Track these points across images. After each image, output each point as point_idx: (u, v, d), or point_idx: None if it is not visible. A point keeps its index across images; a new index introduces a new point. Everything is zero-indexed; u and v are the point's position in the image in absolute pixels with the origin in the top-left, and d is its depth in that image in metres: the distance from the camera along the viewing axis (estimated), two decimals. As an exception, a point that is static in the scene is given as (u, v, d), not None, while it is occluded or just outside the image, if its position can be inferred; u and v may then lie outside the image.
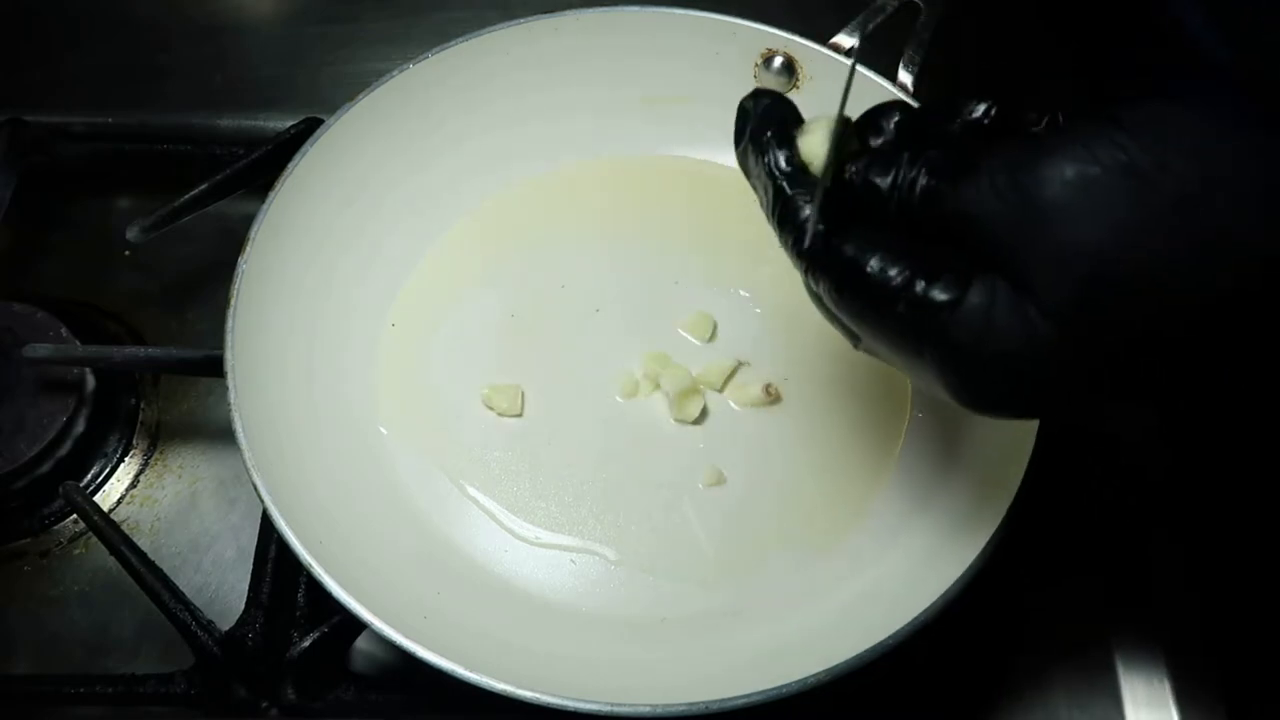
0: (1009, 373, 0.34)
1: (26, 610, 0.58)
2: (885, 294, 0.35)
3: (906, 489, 0.54)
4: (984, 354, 0.34)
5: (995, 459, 0.51)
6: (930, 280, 0.35)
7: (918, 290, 0.35)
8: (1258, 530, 0.56)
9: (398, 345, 0.59)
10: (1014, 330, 0.33)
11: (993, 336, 0.34)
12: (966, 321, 0.34)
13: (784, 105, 0.41)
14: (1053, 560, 0.56)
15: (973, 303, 0.34)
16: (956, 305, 0.34)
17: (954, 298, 0.34)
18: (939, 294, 0.34)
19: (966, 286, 0.34)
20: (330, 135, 0.58)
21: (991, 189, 0.34)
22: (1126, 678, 0.54)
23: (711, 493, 0.55)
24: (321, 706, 0.53)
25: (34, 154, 0.68)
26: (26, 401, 0.60)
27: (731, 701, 0.44)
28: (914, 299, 0.35)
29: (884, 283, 0.35)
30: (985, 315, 0.34)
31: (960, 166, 0.35)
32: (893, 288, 0.35)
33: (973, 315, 0.34)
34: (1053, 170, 0.33)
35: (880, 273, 0.35)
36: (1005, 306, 0.34)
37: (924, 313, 0.35)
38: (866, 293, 0.36)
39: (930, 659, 0.51)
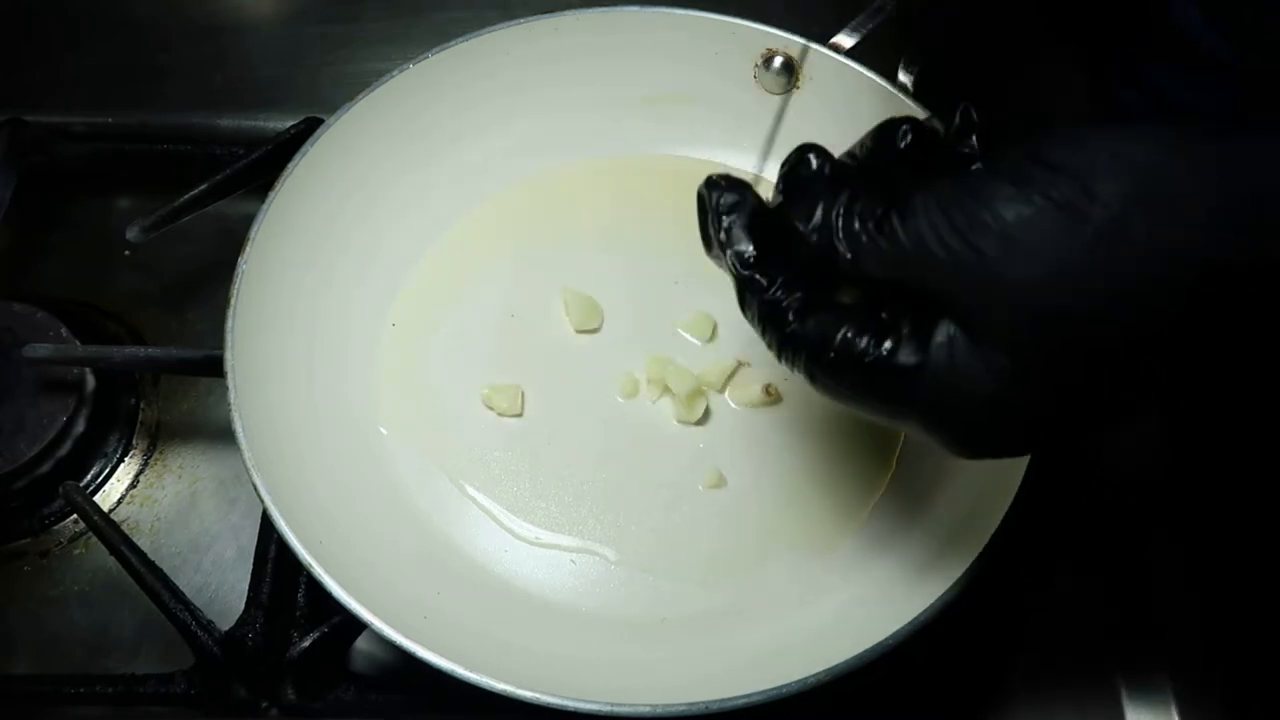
0: (985, 413, 0.35)
1: (26, 610, 0.58)
2: (854, 374, 0.36)
3: (906, 489, 0.54)
4: (955, 403, 0.35)
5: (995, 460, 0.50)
6: (894, 348, 0.35)
7: (883, 359, 0.35)
8: (1258, 531, 0.56)
9: (398, 345, 0.59)
10: (977, 375, 0.34)
11: (959, 383, 0.34)
12: (934, 377, 0.35)
13: (740, 193, 0.41)
14: (1053, 561, 0.56)
15: (937, 358, 0.35)
16: (921, 367, 0.35)
17: (919, 360, 0.35)
18: (906, 359, 0.35)
19: (928, 343, 0.35)
20: (330, 135, 0.58)
21: (930, 233, 0.34)
22: (1126, 680, 0.54)
23: (711, 493, 0.55)
24: (321, 706, 0.53)
25: (34, 154, 0.68)
26: (26, 401, 0.60)
27: (731, 701, 0.44)
28: (883, 370, 0.35)
29: (849, 361, 0.36)
30: (948, 364, 0.34)
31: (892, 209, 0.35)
32: (860, 366, 0.36)
33: (938, 370, 0.35)
34: (989, 212, 0.33)
35: (844, 351, 0.36)
36: (964, 353, 0.34)
37: (895, 383, 0.35)
38: (834, 374, 0.37)
39: (930, 659, 0.51)
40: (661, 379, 0.56)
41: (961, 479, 0.53)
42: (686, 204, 0.62)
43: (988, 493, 0.49)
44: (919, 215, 0.34)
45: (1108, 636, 0.55)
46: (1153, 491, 0.58)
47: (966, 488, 0.52)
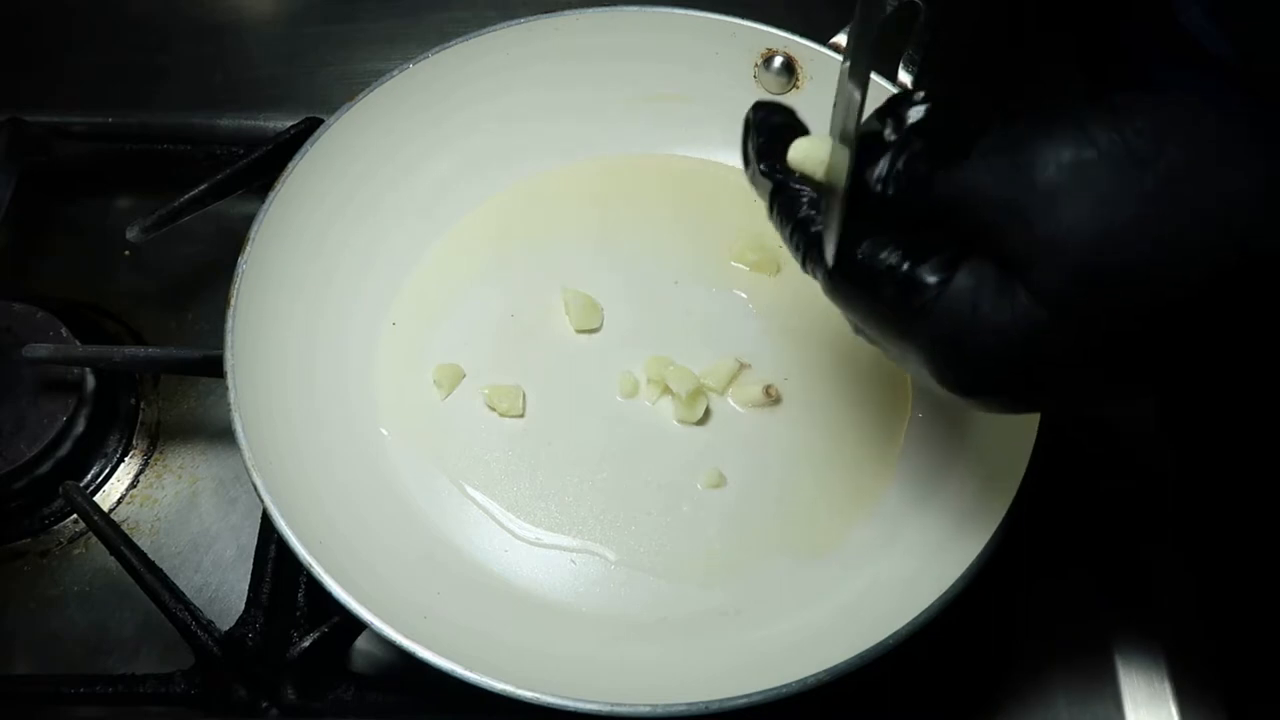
0: (997, 358, 0.34)
1: (26, 610, 0.58)
2: (873, 279, 0.36)
3: (906, 490, 0.54)
4: (970, 337, 0.34)
5: (995, 459, 0.51)
6: (916, 263, 0.35)
7: (904, 271, 0.35)
8: (1258, 530, 0.56)
9: (398, 345, 0.59)
10: (1002, 314, 0.33)
11: (980, 320, 0.34)
12: (953, 304, 0.34)
13: (784, 112, 0.42)
14: (1053, 560, 0.56)
15: (960, 285, 0.34)
16: (943, 287, 0.34)
17: (941, 279, 0.34)
18: (926, 276, 0.35)
19: (954, 269, 0.34)
20: (330, 135, 0.58)
21: (987, 171, 0.34)
22: (1126, 678, 0.54)
23: (711, 493, 0.55)
24: (321, 706, 0.53)
25: (34, 154, 0.68)
26: (26, 401, 0.60)
27: (731, 701, 0.44)
28: (900, 280, 0.35)
29: (871, 267, 0.36)
30: (972, 298, 0.34)
31: (952, 150, 0.35)
32: (879, 271, 0.36)
33: (959, 298, 0.34)
34: (1049, 153, 0.32)
35: (868, 257, 0.36)
36: (992, 290, 0.34)
37: (910, 295, 0.35)
38: (856, 279, 0.37)
39: (930, 659, 0.51)
40: (661, 379, 0.56)
41: (961, 479, 0.53)
42: (686, 204, 0.63)
43: (987, 493, 0.49)
44: (977, 154, 0.34)
45: (1108, 636, 0.55)
46: (1153, 491, 0.58)
47: (966, 488, 0.52)
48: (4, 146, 0.67)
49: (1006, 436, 0.50)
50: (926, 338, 0.35)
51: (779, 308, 0.59)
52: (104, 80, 0.74)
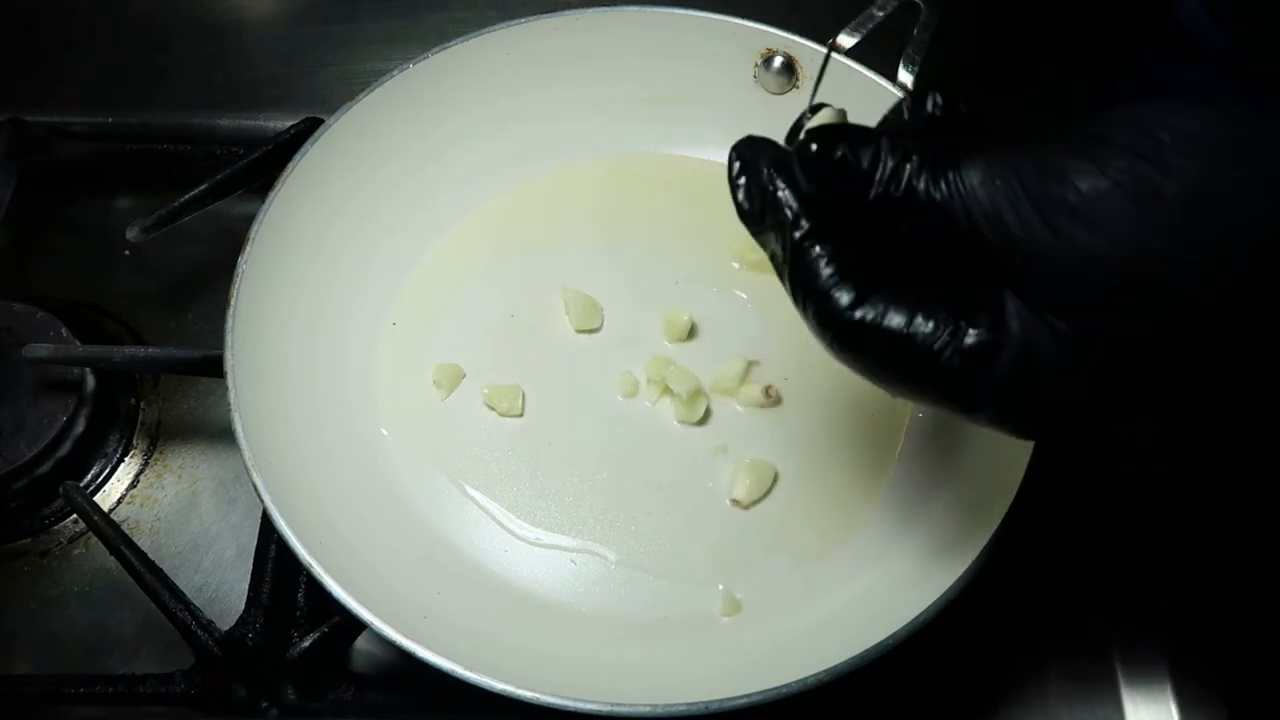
0: (1058, 396, 0.35)
1: (26, 610, 0.58)
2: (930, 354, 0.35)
3: (906, 489, 0.54)
4: (1032, 380, 0.34)
5: (995, 459, 0.51)
6: (971, 324, 0.34)
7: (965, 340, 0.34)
8: (1258, 530, 0.56)
9: (398, 345, 0.59)
10: (1048, 349, 0.34)
11: (1036, 365, 0.34)
12: (1014, 353, 0.34)
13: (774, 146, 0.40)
14: (1053, 560, 0.56)
15: (1014, 331, 0.34)
16: (1002, 343, 0.34)
17: (998, 337, 0.34)
18: (985, 336, 0.34)
19: (1003, 319, 0.34)
20: (330, 135, 0.58)
21: (1005, 199, 0.33)
22: (1126, 678, 0.54)
23: (712, 493, 0.55)
24: (321, 706, 0.53)
25: (34, 154, 0.68)
26: (26, 401, 0.60)
27: (731, 701, 0.44)
28: (962, 349, 0.34)
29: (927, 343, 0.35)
30: (1027, 342, 0.34)
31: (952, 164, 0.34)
32: (938, 347, 0.35)
33: (1018, 345, 0.34)
34: (1065, 185, 0.33)
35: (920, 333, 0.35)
36: (1034, 331, 0.34)
37: (974, 359, 0.34)
38: (908, 356, 0.35)
39: (930, 659, 0.51)
40: (661, 379, 0.56)
41: (961, 479, 0.53)
42: (686, 204, 0.63)
43: (987, 493, 0.49)
44: (986, 176, 0.34)
45: (1107, 636, 0.55)
46: (1153, 491, 0.58)
47: (966, 488, 0.52)
48: (4, 146, 0.67)
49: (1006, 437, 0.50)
50: (991, 396, 0.35)
51: (779, 308, 0.59)
52: (104, 80, 0.74)
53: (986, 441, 0.53)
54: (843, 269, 0.36)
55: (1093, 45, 0.67)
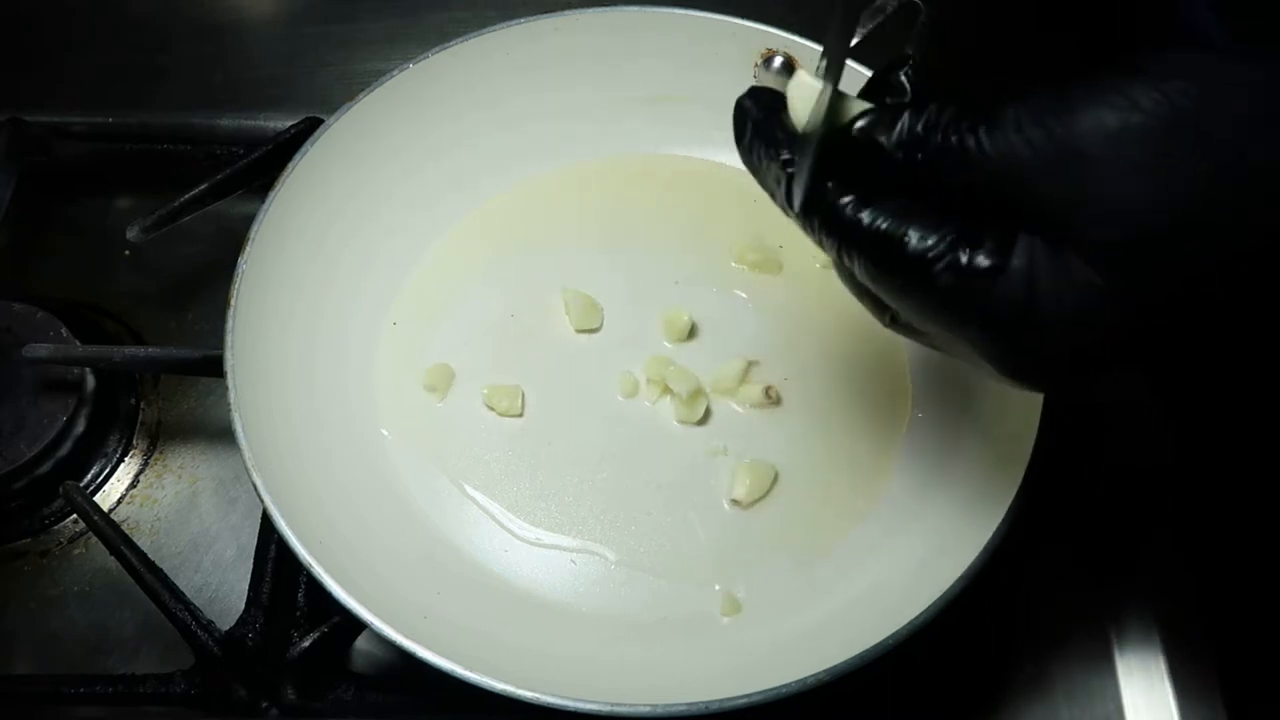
0: (1058, 336, 0.33)
1: (26, 610, 0.58)
2: (925, 265, 0.34)
3: (906, 489, 0.54)
4: (1030, 318, 0.33)
5: (995, 459, 0.51)
6: (972, 246, 0.33)
7: (960, 259, 0.33)
8: (1257, 528, 0.56)
9: (398, 345, 0.59)
10: (1060, 290, 0.32)
11: (1038, 300, 0.33)
12: (1010, 287, 0.33)
13: (779, 97, 0.40)
14: (1052, 560, 0.56)
15: (1016, 266, 0.33)
16: (999, 271, 0.33)
17: (998, 263, 0.33)
18: (982, 260, 0.33)
19: (1009, 250, 0.33)
20: (330, 135, 0.58)
21: (1023, 142, 0.32)
22: (1126, 677, 0.54)
23: (712, 493, 0.55)
24: (321, 706, 0.53)
25: (34, 154, 0.68)
26: (26, 401, 0.60)
27: (731, 701, 0.44)
28: (956, 267, 0.33)
29: (923, 253, 0.34)
30: (1028, 278, 0.33)
31: (982, 117, 0.33)
32: (933, 258, 0.34)
33: (1016, 279, 0.33)
34: (1092, 121, 0.31)
35: (919, 242, 0.34)
36: (1047, 266, 0.32)
37: (968, 282, 0.33)
38: (905, 265, 0.34)
39: (930, 659, 0.51)
40: (661, 379, 0.56)
41: (960, 480, 0.53)
42: (686, 204, 0.63)
43: (987, 492, 0.49)
44: (1010, 124, 0.32)
45: (1107, 636, 0.55)
46: (1153, 491, 0.58)
47: (966, 488, 0.52)
48: (4, 146, 0.67)
49: (1006, 436, 0.50)
50: (983, 323, 0.34)
51: (779, 308, 0.59)
52: (104, 80, 0.74)
53: (987, 441, 0.53)
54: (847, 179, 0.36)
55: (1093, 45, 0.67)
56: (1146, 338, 0.33)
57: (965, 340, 0.35)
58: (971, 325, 0.34)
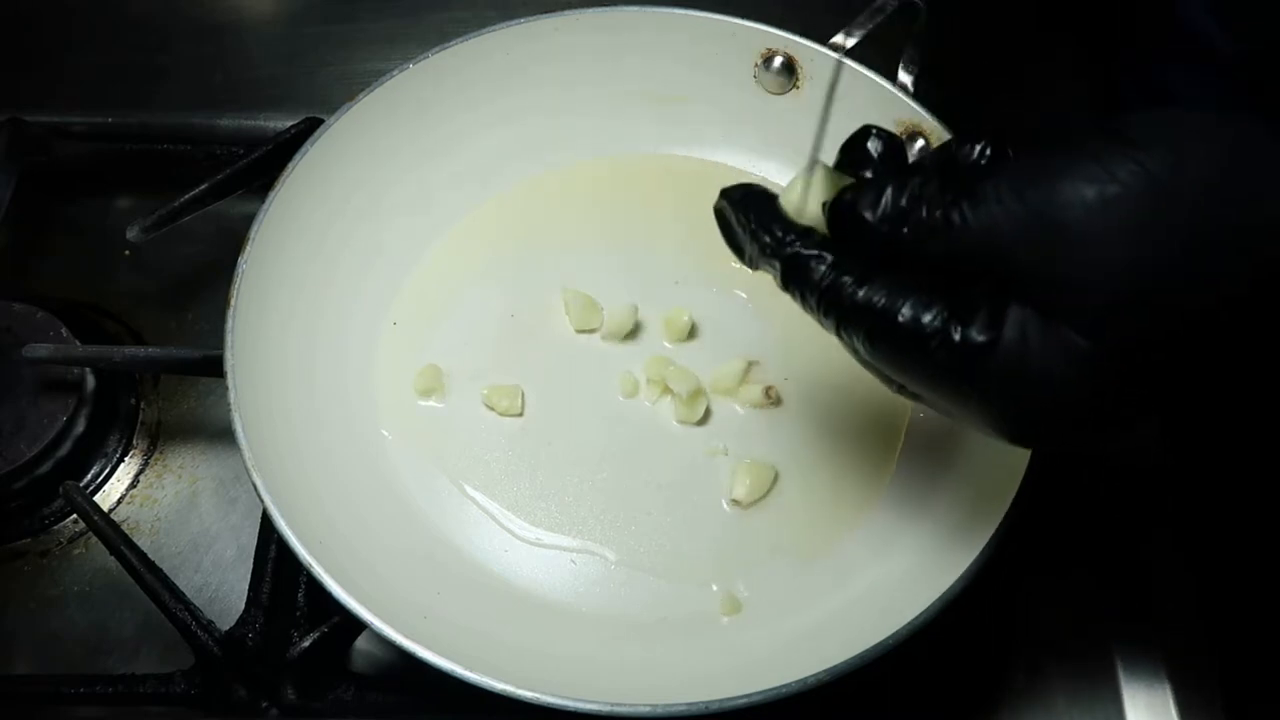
0: (1048, 399, 0.34)
1: (26, 610, 0.58)
2: (921, 342, 0.35)
3: (906, 490, 0.54)
4: (1025, 387, 0.34)
5: (995, 459, 0.51)
6: (965, 322, 0.34)
7: (954, 335, 0.35)
8: (1257, 530, 0.56)
9: (398, 345, 0.59)
10: (1052, 358, 0.33)
11: (1032, 369, 0.34)
12: (1005, 358, 0.34)
13: (755, 190, 0.41)
14: (1052, 561, 0.56)
15: (1009, 338, 0.34)
16: (994, 344, 0.34)
17: (990, 338, 0.34)
18: (975, 335, 0.34)
19: (1000, 322, 0.34)
20: (330, 135, 0.58)
21: (1005, 216, 0.33)
22: (1126, 678, 0.54)
23: (712, 493, 0.55)
24: (321, 706, 0.53)
25: (34, 154, 0.68)
26: (26, 401, 0.60)
27: (731, 701, 0.44)
28: (951, 344, 0.35)
29: (918, 331, 0.35)
30: (1021, 348, 0.34)
31: (964, 193, 0.34)
32: (928, 335, 0.35)
33: (1010, 351, 0.34)
34: (1071, 192, 0.32)
35: (913, 320, 0.35)
36: (1038, 334, 0.33)
37: (963, 357, 0.35)
38: (901, 343, 0.36)
39: (930, 659, 0.51)
40: (661, 379, 0.56)
41: (961, 480, 0.53)
42: (686, 204, 0.63)
43: (987, 493, 0.49)
44: (990, 197, 0.33)
45: (1107, 637, 0.55)
46: (1153, 491, 0.58)
47: (966, 489, 0.52)
48: (4, 146, 0.67)
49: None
50: (982, 395, 0.35)
51: (779, 308, 0.59)
52: (104, 80, 0.74)
53: (987, 441, 0.52)
54: (840, 261, 0.37)
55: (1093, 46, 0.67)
56: (1137, 395, 0.34)
57: (967, 408, 0.36)
58: (971, 399, 0.36)
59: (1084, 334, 0.33)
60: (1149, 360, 0.33)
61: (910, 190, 0.35)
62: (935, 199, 0.35)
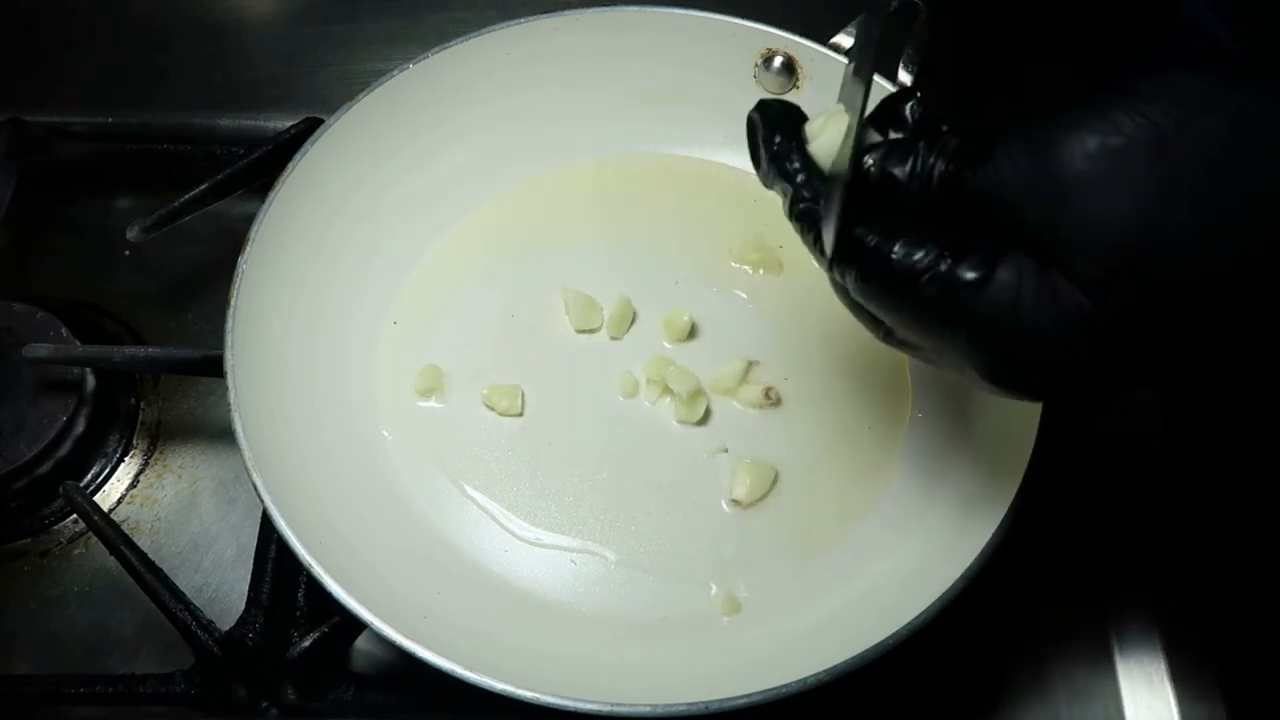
0: (1040, 349, 0.34)
1: (26, 610, 0.58)
2: (912, 277, 0.35)
3: (906, 490, 0.54)
4: (1015, 331, 0.34)
5: (995, 459, 0.51)
6: (956, 260, 0.35)
7: (943, 270, 0.35)
8: (1256, 527, 0.56)
9: (398, 345, 0.59)
10: (1044, 306, 0.33)
11: (1023, 313, 0.34)
12: (995, 299, 0.34)
13: (789, 108, 0.41)
14: (1052, 560, 0.56)
15: (1001, 279, 0.34)
16: (985, 283, 0.34)
17: (981, 275, 0.34)
18: (966, 273, 0.34)
19: (994, 264, 0.34)
20: (330, 135, 0.58)
21: (1012, 167, 0.33)
22: (1126, 677, 0.54)
23: (712, 493, 0.55)
24: (321, 706, 0.53)
25: (34, 154, 0.68)
26: (26, 401, 0.60)
27: (731, 701, 0.44)
28: (941, 279, 0.35)
29: (910, 266, 0.35)
30: (1014, 292, 0.34)
31: (979, 148, 0.35)
32: (919, 270, 0.35)
33: (1001, 292, 0.34)
34: (1075, 144, 0.32)
35: (905, 257, 0.35)
36: (1033, 282, 0.33)
37: (952, 293, 0.35)
38: (893, 278, 0.36)
39: (930, 659, 0.51)
40: (661, 379, 0.56)
41: (961, 479, 0.53)
42: (686, 204, 0.63)
43: (987, 492, 0.49)
44: (999, 151, 0.34)
45: (1107, 635, 0.55)
46: (1153, 490, 0.58)
47: (966, 488, 0.52)
48: (4, 146, 0.67)
49: (1006, 436, 0.50)
50: (969, 335, 0.35)
51: (779, 308, 0.59)
52: (104, 80, 0.74)
53: (987, 441, 0.53)
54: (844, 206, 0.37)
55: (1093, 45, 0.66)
56: (1134, 357, 0.34)
57: (954, 350, 0.36)
58: (959, 340, 0.35)
59: (1082, 289, 0.32)
60: (1152, 322, 0.33)
61: (937, 148, 0.36)
62: (952, 155, 0.35)
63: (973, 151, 0.35)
